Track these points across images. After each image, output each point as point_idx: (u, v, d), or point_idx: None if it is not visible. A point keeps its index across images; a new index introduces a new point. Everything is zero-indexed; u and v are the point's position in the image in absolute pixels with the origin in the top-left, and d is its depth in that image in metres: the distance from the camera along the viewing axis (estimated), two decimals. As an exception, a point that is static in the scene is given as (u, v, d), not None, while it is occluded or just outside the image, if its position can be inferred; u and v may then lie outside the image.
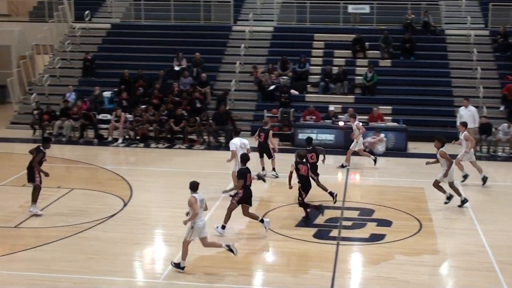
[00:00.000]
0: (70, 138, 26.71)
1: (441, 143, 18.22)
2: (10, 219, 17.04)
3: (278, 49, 31.02)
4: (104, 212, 17.59)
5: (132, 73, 29.32)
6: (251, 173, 16.19)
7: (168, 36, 32.67)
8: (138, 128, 26.29)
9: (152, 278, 13.84)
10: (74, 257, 14.63)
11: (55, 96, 29.68)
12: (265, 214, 17.52)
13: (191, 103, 27.49)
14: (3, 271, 14.03)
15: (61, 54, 31.99)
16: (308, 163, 17.71)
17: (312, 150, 19.01)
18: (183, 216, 16.57)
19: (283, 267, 14.45)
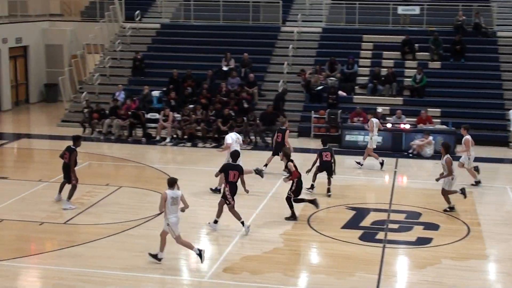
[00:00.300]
0: (119, 137, 27.03)
1: (446, 149, 17.96)
2: (59, 216, 17.34)
3: (326, 50, 30.91)
4: (151, 210, 17.76)
5: (181, 73, 29.53)
6: (240, 171, 16.31)
7: (217, 36, 32.83)
8: (186, 127, 26.47)
9: (198, 277, 13.94)
10: (121, 254, 14.82)
11: (105, 95, 30.07)
12: (311, 215, 17.52)
13: (239, 103, 27.57)
14: (52, 266, 14.29)
15: (112, 54, 32.39)
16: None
17: (327, 150, 19.64)
18: (229, 214, 16.70)
19: (328, 268, 14.40)
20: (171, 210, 14.06)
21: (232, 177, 16.23)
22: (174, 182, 14.20)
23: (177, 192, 14.20)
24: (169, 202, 14.02)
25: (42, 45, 35.46)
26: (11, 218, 17.03)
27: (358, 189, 20.59)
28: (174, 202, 14.09)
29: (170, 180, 14.27)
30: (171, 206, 14.05)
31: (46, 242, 15.84)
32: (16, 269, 14.11)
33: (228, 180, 16.22)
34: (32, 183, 20.14)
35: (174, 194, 14.13)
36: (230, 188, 16.18)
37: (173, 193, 14.12)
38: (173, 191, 14.15)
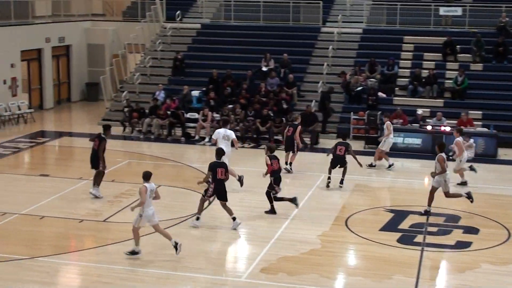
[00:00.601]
0: (158, 136, 27.22)
1: (440, 147, 17.80)
2: (99, 213, 17.54)
3: (367, 51, 30.75)
4: (189, 209, 17.86)
5: (221, 73, 29.63)
6: (226, 168, 16.48)
7: (257, 36, 32.88)
8: (225, 127, 26.54)
9: (234, 277, 13.97)
10: (159, 253, 14.93)
11: (145, 95, 30.32)
12: (348, 217, 17.45)
13: (278, 103, 27.57)
14: (91, 263, 14.47)
15: (152, 53, 32.63)
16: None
17: (343, 144, 20.10)
18: (266, 215, 16.71)
19: (365, 271, 14.32)
20: (149, 202, 14.50)
21: (220, 174, 16.45)
22: (150, 176, 14.66)
23: (153, 185, 14.66)
24: (148, 195, 14.43)
25: (84, 45, 35.89)
26: (52, 215, 17.28)
27: (397, 191, 20.46)
28: (151, 195, 14.56)
29: (146, 173, 14.69)
30: (149, 198, 14.50)
31: (86, 240, 16.03)
32: (56, 266, 14.31)
33: (216, 178, 16.41)
34: (73, 181, 20.40)
35: (151, 186, 14.59)
36: (216, 185, 16.37)
37: (150, 185, 14.56)
38: (150, 184, 14.59)
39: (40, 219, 17.05)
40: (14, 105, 29.83)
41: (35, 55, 32.69)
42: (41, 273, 13.81)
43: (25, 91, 32.07)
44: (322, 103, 27.29)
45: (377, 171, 22.45)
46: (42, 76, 33.08)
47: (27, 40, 31.59)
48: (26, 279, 13.51)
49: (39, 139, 26.95)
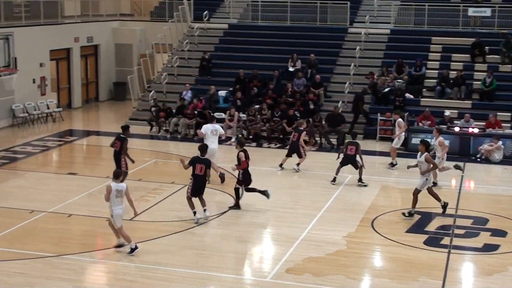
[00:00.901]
0: (185, 136, 27.32)
1: (426, 146, 17.61)
2: (126, 212, 17.57)
3: (394, 52, 30.60)
4: (214, 209, 17.92)
5: (247, 73, 29.68)
6: (207, 165, 16.64)
7: (284, 37, 32.87)
8: (251, 127, 26.59)
9: (260, 277, 13.98)
10: (185, 252, 14.99)
11: (172, 94, 30.44)
12: (375, 218, 17.39)
13: (304, 104, 27.54)
14: (118, 261, 14.57)
15: (179, 53, 32.76)
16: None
17: (353, 144, 20.54)
18: (292, 216, 16.69)
19: (391, 272, 14.26)
20: (115, 202, 14.52)
21: (198, 170, 16.62)
22: (119, 175, 14.71)
23: (121, 185, 14.62)
24: (114, 195, 14.45)
25: (112, 44, 36.14)
26: (79, 213, 17.42)
27: (423, 193, 20.27)
28: (118, 195, 14.52)
29: (115, 172, 14.80)
30: (115, 198, 14.50)
31: (112, 238, 16.11)
32: (83, 263, 14.43)
33: (194, 173, 16.61)
34: (100, 180, 20.52)
35: (119, 186, 14.55)
36: (194, 181, 16.59)
37: (117, 185, 14.55)
38: (118, 183, 14.58)
39: (68, 217, 17.21)
40: (43, 104, 30.11)
41: (64, 55, 32.97)
42: (68, 270, 13.94)
43: (54, 90, 32.37)
44: (356, 104, 27.19)
45: (403, 173, 22.31)
46: (71, 76, 33.36)
47: (56, 39, 31.87)
48: (53, 276, 13.65)
49: (67, 138, 27.19)
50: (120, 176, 14.78)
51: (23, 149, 24.86)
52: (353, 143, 20.65)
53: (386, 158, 23.71)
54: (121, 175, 14.85)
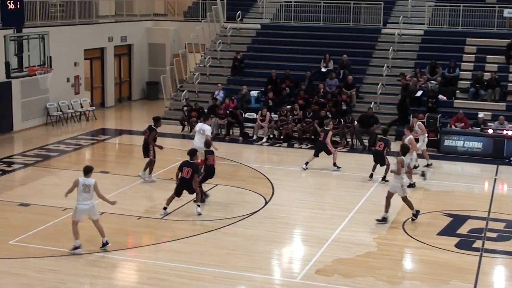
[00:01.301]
0: (217, 135, 27.40)
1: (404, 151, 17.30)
2: (157, 211, 17.74)
3: (428, 53, 30.37)
4: (245, 209, 17.96)
5: (279, 73, 29.67)
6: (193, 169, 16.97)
7: (316, 37, 32.80)
8: (283, 128, 26.58)
9: (289, 277, 13.98)
10: (215, 251, 15.04)
11: (204, 94, 30.55)
12: (406, 220, 17.28)
13: (336, 104, 27.46)
14: (149, 260, 14.67)
15: (212, 53, 32.86)
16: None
17: (382, 140, 20.77)
18: (322, 217, 16.65)
19: (422, 275, 14.16)
20: (82, 197, 14.55)
21: (185, 173, 17.03)
22: (89, 171, 14.70)
23: (90, 180, 14.62)
24: (81, 189, 14.50)
25: (145, 44, 36.37)
26: (111, 212, 17.54)
27: (456, 195, 20.15)
28: (85, 190, 14.53)
29: (85, 168, 14.80)
30: (82, 193, 14.53)
31: (143, 236, 16.26)
32: (114, 261, 14.55)
33: (181, 175, 17.05)
34: (132, 178, 20.68)
35: (87, 181, 14.57)
36: (179, 182, 17.06)
37: (85, 180, 14.58)
38: (86, 178, 14.60)
39: (100, 215, 17.31)
40: (76, 103, 30.41)
41: (98, 54, 33.27)
42: (99, 268, 14.07)
43: (88, 89, 32.68)
44: (403, 104, 27.04)
45: (435, 175, 22.18)
46: (104, 75, 33.65)
47: (91, 39, 32.17)
48: (84, 273, 13.79)
49: (99, 137, 27.44)
50: (89, 171, 14.74)
51: (56, 147, 25.14)
52: (383, 140, 20.80)
53: (418, 160, 23.51)
54: (90, 171, 14.77)
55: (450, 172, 22.86)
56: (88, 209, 14.72)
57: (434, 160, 23.54)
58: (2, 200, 18.44)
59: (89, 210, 14.74)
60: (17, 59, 18.96)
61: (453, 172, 22.75)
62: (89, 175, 14.76)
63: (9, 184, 20.44)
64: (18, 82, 26.11)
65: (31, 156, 23.60)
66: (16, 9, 18.90)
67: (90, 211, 14.77)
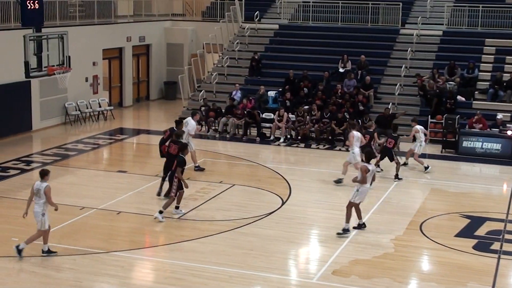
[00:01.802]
0: (234, 135, 27.43)
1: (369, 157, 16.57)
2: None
3: (446, 54, 30.22)
4: (262, 209, 17.96)
5: (297, 74, 29.65)
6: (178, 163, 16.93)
7: (334, 38, 32.74)
8: (300, 128, 26.55)
9: (306, 278, 13.96)
10: (232, 251, 15.05)
11: (221, 94, 30.59)
12: (423, 222, 17.21)
13: (354, 105, 27.39)
14: (165, 259, 14.71)
15: (230, 53, 32.90)
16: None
17: (394, 137, 21.13)
18: (340, 217, 16.60)
19: (439, 277, 14.09)
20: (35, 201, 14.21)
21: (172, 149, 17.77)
22: (44, 174, 14.31)
23: (42, 184, 14.22)
24: (35, 193, 14.23)
25: (163, 44, 36.47)
26: (128, 211, 17.64)
27: (474, 196, 20.03)
28: (37, 194, 14.20)
29: (41, 171, 14.43)
30: (35, 196, 14.21)
31: (160, 236, 16.30)
32: (131, 260, 14.60)
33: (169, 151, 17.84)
34: (149, 178, 20.74)
35: (39, 186, 14.19)
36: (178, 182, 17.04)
37: (38, 184, 14.23)
38: (42, 183, 14.20)
39: (117, 215, 17.43)
40: (95, 102, 30.56)
41: (116, 54, 33.41)
42: (116, 267, 14.12)
43: (106, 89, 32.83)
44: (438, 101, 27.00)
45: (454, 176, 22.09)
46: (123, 75, 33.78)
47: (109, 39, 32.31)
48: (102, 272, 13.84)
49: (117, 136, 27.56)
50: (45, 175, 14.29)
51: (74, 146, 25.28)
52: (394, 137, 21.05)
53: (436, 161, 23.48)
54: (46, 174, 14.29)
55: (469, 174, 22.75)
56: (35, 212, 14.23)
57: (452, 162, 23.48)
58: (21, 198, 18.54)
59: (35, 214, 14.25)
60: (36, 58, 19.04)
61: (471, 173, 22.62)
62: (45, 178, 14.28)
63: (28, 183, 20.52)
64: (37, 81, 26.28)
65: (50, 155, 23.74)
66: (36, 9, 18.99)
67: (36, 216, 14.25)
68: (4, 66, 25.23)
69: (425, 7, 34.11)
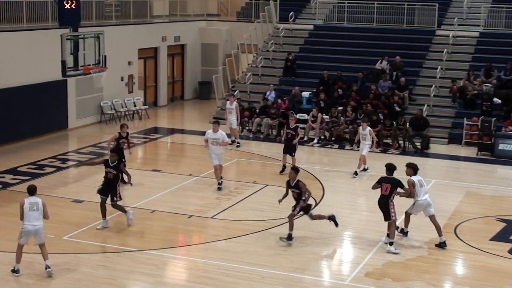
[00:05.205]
0: (268, 136, 27.43)
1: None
2: (207, 210, 17.86)
3: (483, 55, 29.88)
4: (295, 210, 17.91)
5: (331, 74, 29.57)
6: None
7: (369, 38, 32.59)
8: (334, 129, 26.46)
9: (338, 280, 13.92)
10: (264, 252, 15.06)
11: (255, 94, 30.60)
12: (458, 225, 17.05)
13: (389, 106, 27.22)
14: (198, 258, 14.78)
15: (264, 54, 32.91)
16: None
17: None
18: (373, 219, 16.52)
19: (474, 281, 13.95)
20: (29, 217, 13.37)
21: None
22: (34, 190, 13.63)
23: (37, 200, 13.54)
24: (27, 208, 13.41)
25: (198, 44, 36.62)
26: (162, 210, 17.75)
27: (510, 200, 19.78)
28: (33, 208, 13.43)
29: (28, 187, 13.71)
30: (29, 212, 13.41)
31: (193, 235, 16.37)
32: (165, 259, 14.68)
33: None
34: (183, 177, 20.85)
35: (35, 200, 13.50)
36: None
37: (32, 199, 13.50)
38: (33, 197, 13.53)
39: (151, 213, 17.55)
40: (130, 102, 30.78)
41: (152, 54, 33.62)
42: (149, 265, 14.22)
43: (141, 88, 33.06)
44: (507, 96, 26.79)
45: (490, 179, 21.85)
46: (157, 74, 33.99)
47: (145, 38, 32.53)
48: (135, 270, 13.95)
49: (152, 135, 27.73)
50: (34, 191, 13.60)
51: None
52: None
53: (472, 164, 23.29)
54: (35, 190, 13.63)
55: (504, 177, 22.48)
56: (35, 231, 13.46)
57: (488, 164, 23.21)
58: (56, 196, 18.79)
59: (36, 233, 13.49)
60: (73, 58, 19.25)
61: (507, 176, 22.36)
62: (35, 194, 13.65)
63: (63, 181, 20.83)
64: (74, 80, 26.58)
65: (85, 154, 24.00)
66: (73, 9, 19.20)
67: (36, 233, 13.49)
68: (41, 65, 25.56)
69: (461, 8, 33.80)
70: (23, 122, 25.13)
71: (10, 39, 25.00)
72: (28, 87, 25.28)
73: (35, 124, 25.77)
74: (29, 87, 25.38)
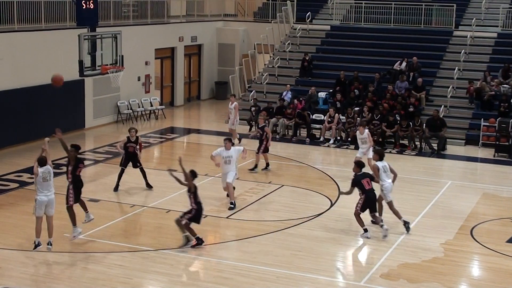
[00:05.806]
0: (284, 136, 27.43)
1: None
2: (223, 210, 17.88)
3: (501, 56, 29.71)
4: (311, 210, 17.93)
5: (348, 75, 29.52)
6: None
7: (387, 39, 32.51)
8: (350, 129, 26.41)
9: (353, 280, 13.89)
10: (280, 252, 15.06)
11: (272, 94, 30.61)
12: (474, 226, 16.96)
13: (405, 107, 27.13)
14: (213, 258, 14.80)
15: (281, 54, 32.91)
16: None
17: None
18: (389, 220, 16.47)
19: (490, 283, 13.88)
20: (43, 186, 13.91)
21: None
22: (41, 161, 14.08)
23: (49, 169, 13.98)
24: (40, 178, 13.91)
25: (215, 44, 36.68)
26: (177, 209, 17.76)
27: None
28: (45, 179, 13.90)
29: (39, 158, 14.17)
30: (42, 182, 13.99)
31: (209, 235, 16.38)
32: (180, 258, 14.71)
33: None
34: (199, 177, 20.66)
35: (47, 170, 13.97)
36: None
37: (46, 168, 13.97)
38: (46, 167, 14.03)
39: (166, 213, 17.59)
40: (146, 101, 30.88)
41: (169, 53, 33.71)
42: (165, 265, 14.26)
43: (157, 88, 33.16)
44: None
45: (507, 180, 21.70)
46: (174, 74, 34.07)
47: (162, 38, 32.63)
48: (150, 269, 13.99)
49: (168, 135, 27.81)
50: (41, 162, 14.11)
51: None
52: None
53: (489, 165, 23.15)
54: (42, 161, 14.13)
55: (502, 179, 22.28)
56: (48, 201, 14.17)
57: (505, 166, 23.07)
58: (73, 195, 18.85)
59: (48, 202, 14.18)
60: (90, 57, 19.33)
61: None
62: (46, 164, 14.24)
63: (80, 180, 20.89)
64: (91, 80, 26.70)
65: (102, 153, 24.11)
66: (91, 9, 19.28)
67: (49, 203, 14.20)
68: (59, 65, 25.65)
69: (479, 8, 33.64)
70: (41, 121, 25.25)
71: (29, 39, 25.18)
72: (45, 87, 25.35)
73: (53, 124, 25.84)
74: (47, 87, 25.44)
